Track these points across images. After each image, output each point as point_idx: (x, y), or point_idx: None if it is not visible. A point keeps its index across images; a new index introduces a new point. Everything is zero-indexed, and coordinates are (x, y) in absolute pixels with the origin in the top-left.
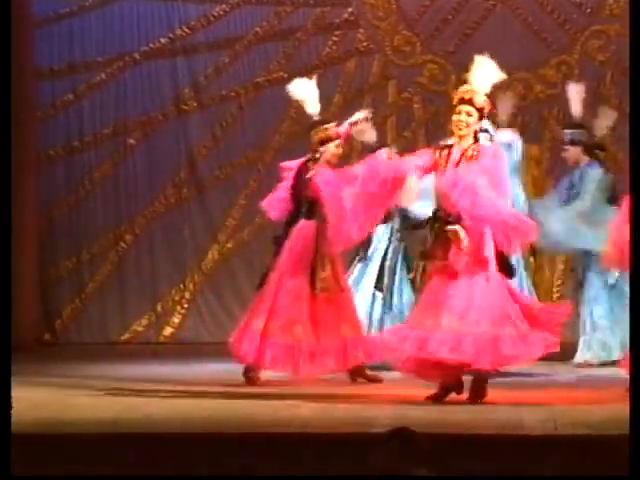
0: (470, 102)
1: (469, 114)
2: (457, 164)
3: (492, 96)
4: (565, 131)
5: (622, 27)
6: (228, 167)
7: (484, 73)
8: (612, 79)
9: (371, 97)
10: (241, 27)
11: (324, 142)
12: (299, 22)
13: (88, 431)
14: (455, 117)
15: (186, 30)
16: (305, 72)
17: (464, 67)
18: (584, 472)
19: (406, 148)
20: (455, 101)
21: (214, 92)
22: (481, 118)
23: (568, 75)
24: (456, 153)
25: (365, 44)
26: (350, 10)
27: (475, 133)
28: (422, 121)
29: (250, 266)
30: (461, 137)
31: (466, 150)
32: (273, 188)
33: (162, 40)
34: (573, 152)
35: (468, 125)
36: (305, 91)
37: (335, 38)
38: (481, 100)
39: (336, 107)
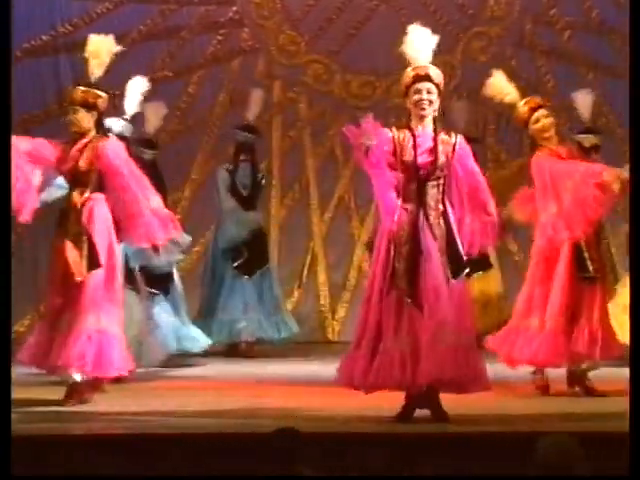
0: (428, 78)
1: (429, 91)
2: (434, 151)
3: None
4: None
5: (502, 29)
6: None
7: (421, 42)
8: None
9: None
10: (125, 25)
11: None
12: (183, 20)
13: None
14: (416, 97)
15: (68, 27)
16: (190, 71)
17: (348, 67)
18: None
19: (292, 148)
20: (408, 80)
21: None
22: (439, 95)
23: (451, 75)
24: (424, 138)
25: (250, 43)
26: (235, 9)
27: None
28: (307, 121)
29: None
30: (423, 118)
31: (438, 133)
32: None
33: (44, 37)
34: None
35: (431, 103)
36: None
37: (220, 37)
38: (439, 75)
39: (221, 106)
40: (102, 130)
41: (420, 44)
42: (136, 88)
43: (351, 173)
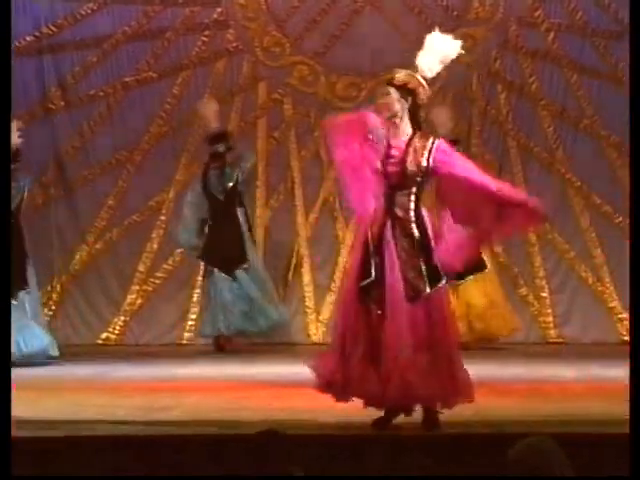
0: (390, 82)
1: (387, 94)
2: (402, 162)
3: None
4: None
5: (487, 30)
6: (96, 167)
7: (432, 53)
8: (478, 81)
9: (241, 98)
10: (109, 26)
11: None
12: (168, 22)
13: None
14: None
15: (53, 28)
16: (174, 72)
17: (333, 68)
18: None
19: (276, 149)
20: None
21: (82, 91)
22: (409, 95)
23: (435, 77)
24: (398, 137)
25: (235, 45)
26: (220, 10)
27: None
28: (292, 122)
29: (119, 267)
30: (394, 126)
31: (411, 141)
32: (141, 188)
33: (28, 38)
34: None
35: (389, 107)
36: None
37: (204, 38)
38: (402, 77)
39: None
40: None
41: (430, 55)
42: None
43: (336, 175)
